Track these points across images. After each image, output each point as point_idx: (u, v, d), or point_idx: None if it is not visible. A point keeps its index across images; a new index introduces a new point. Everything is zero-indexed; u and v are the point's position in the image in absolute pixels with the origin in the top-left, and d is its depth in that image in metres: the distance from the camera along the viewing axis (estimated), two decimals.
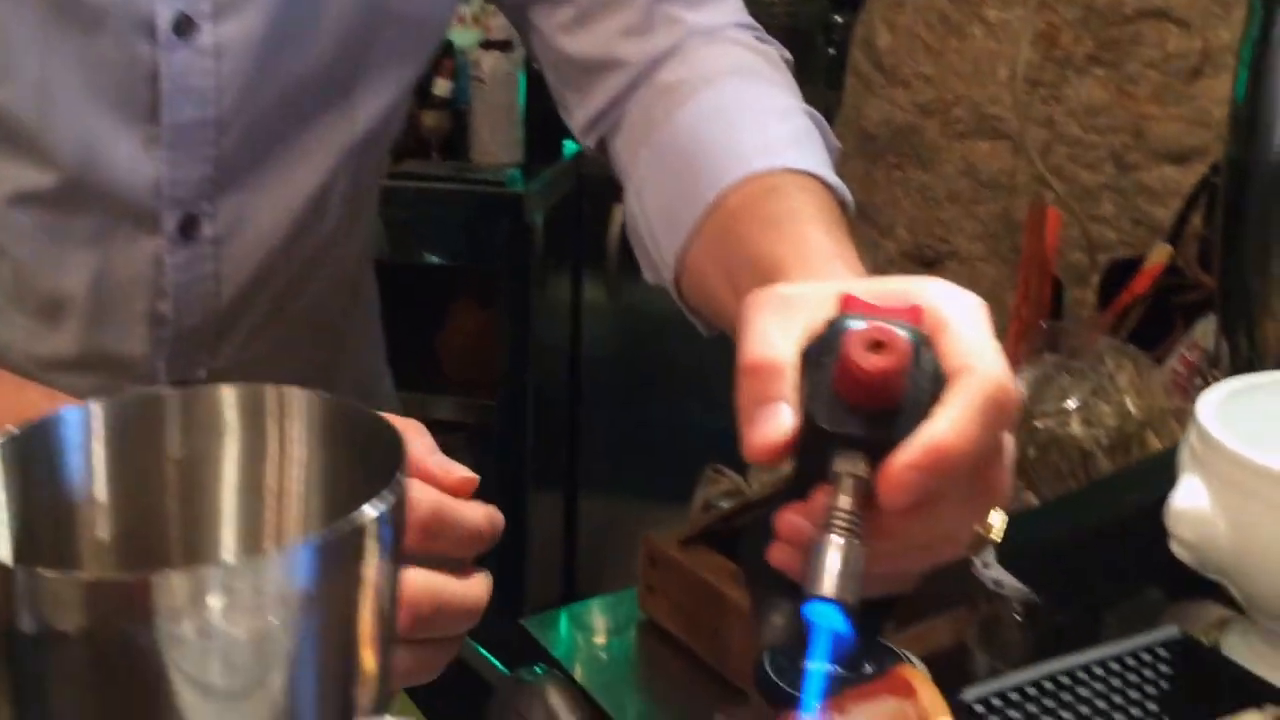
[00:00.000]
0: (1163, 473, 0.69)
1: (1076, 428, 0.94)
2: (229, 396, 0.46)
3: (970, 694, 0.61)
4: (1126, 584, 0.79)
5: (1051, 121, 1.44)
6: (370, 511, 0.39)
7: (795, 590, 0.54)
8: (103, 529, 0.45)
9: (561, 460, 2.10)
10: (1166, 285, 1.09)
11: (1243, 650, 0.67)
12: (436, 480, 0.57)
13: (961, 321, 0.54)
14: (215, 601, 0.36)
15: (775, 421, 0.53)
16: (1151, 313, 1.09)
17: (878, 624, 0.60)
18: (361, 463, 0.43)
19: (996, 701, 0.60)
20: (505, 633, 0.89)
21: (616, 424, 2.15)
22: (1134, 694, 0.62)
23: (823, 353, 0.53)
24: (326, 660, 0.39)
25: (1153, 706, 0.61)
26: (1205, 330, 1.01)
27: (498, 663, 0.81)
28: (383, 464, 0.41)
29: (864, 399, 0.51)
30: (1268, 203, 0.87)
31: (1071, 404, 0.95)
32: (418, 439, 0.58)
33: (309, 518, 0.46)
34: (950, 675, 0.76)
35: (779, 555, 0.54)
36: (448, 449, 2.11)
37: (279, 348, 0.87)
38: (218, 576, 0.37)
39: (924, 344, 0.53)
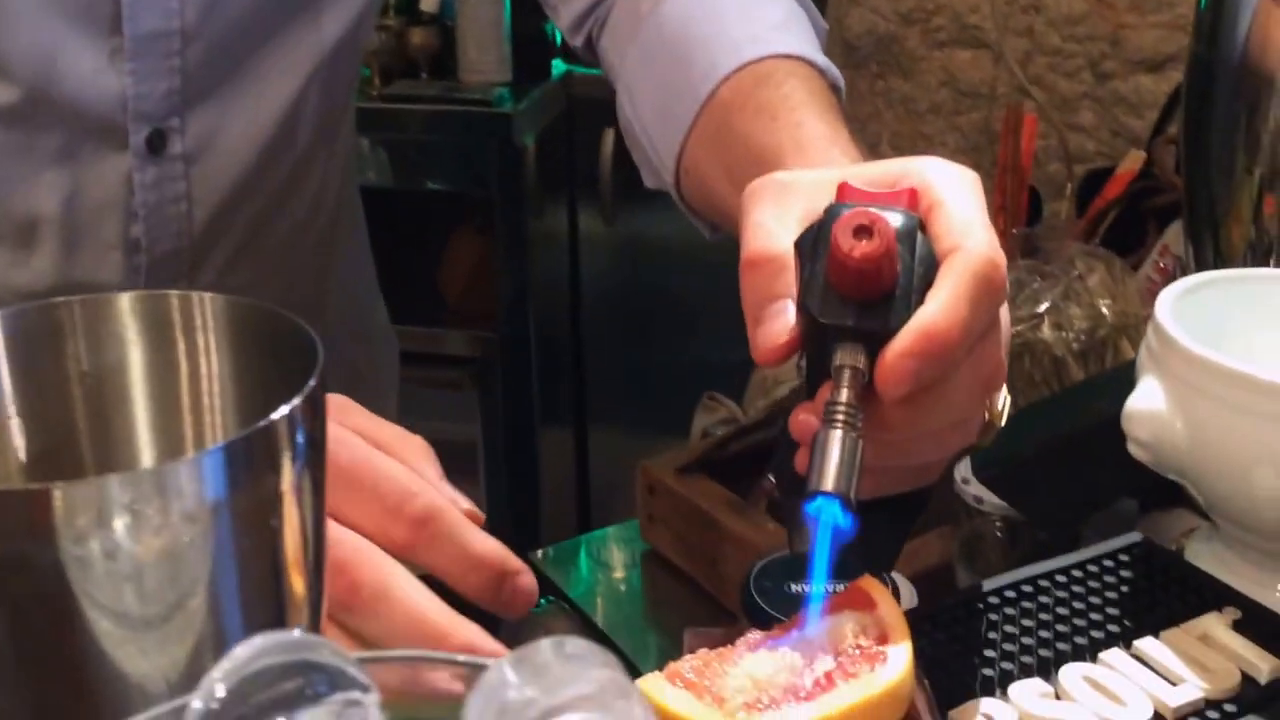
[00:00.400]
0: (1132, 380, 0.68)
1: (1047, 332, 0.96)
2: (132, 304, 0.43)
3: (939, 604, 0.62)
4: (1100, 494, 0.79)
5: (1031, 31, 1.45)
6: (280, 414, 0.36)
7: None
8: (10, 449, 0.42)
9: (568, 394, 2.12)
10: (1140, 190, 1.12)
11: (1205, 555, 0.68)
12: None
13: (953, 199, 0.53)
14: (120, 514, 0.33)
15: (779, 321, 0.53)
16: (1126, 219, 1.11)
17: (910, 522, 0.60)
18: (278, 368, 0.41)
19: (960, 612, 0.61)
20: None
21: (620, 355, 2.16)
22: (1095, 600, 0.63)
23: (815, 243, 0.53)
24: (249, 581, 0.37)
25: (1114, 611, 0.62)
26: (1177, 234, 1.03)
27: None
28: (300, 369, 0.39)
29: (855, 287, 0.51)
30: (1231, 104, 0.87)
31: (1043, 308, 0.97)
32: (426, 465, 0.55)
33: (227, 429, 0.44)
34: (938, 593, 0.79)
35: (801, 459, 0.53)
36: (454, 385, 2.12)
37: (259, 278, 0.86)
38: (119, 485, 0.34)
39: (918, 227, 0.52)
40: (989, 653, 0.59)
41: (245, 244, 0.85)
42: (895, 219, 0.52)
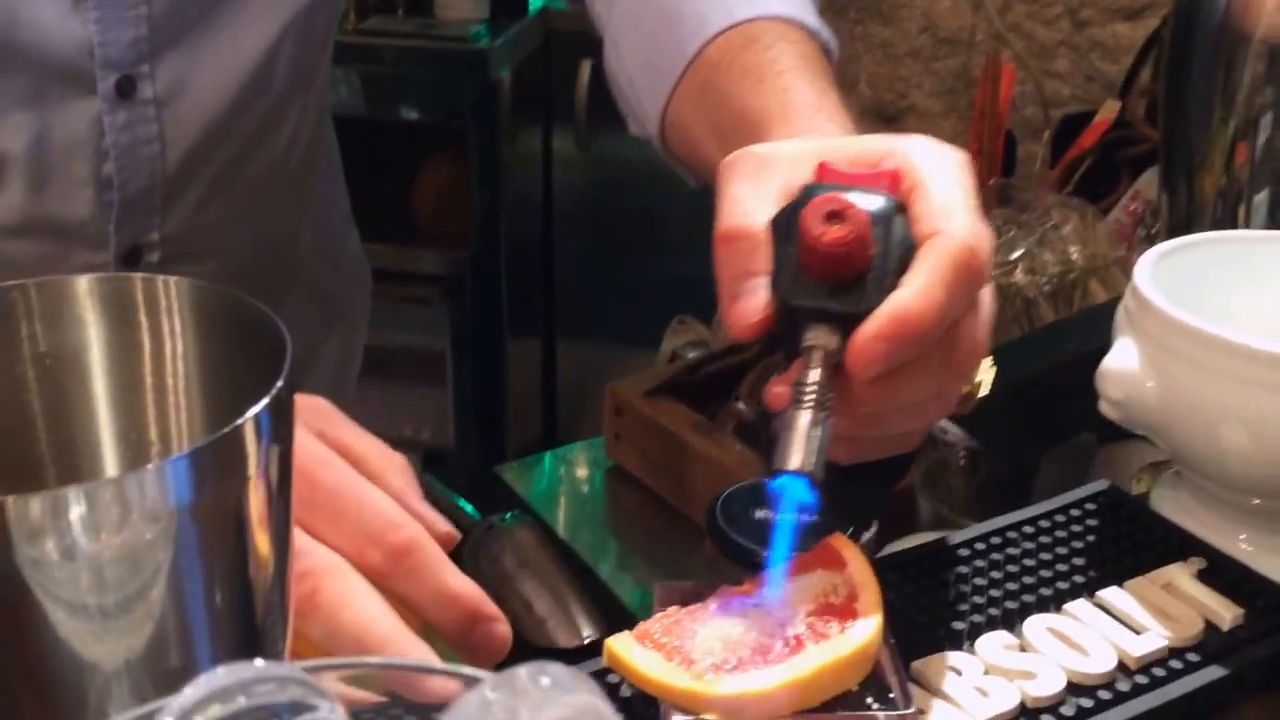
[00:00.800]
0: (1100, 324, 0.70)
1: (1020, 276, 0.97)
2: (92, 287, 0.43)
3: (908, 555, 0.62)
4: (1064, 429, 0.81)
5: None
6: (247, 417, 0.36)
7: None
8: None
9: (537, 308, 2.13)
10: (1114, 139, 1.12)
11: (1170, 504, 0.69)
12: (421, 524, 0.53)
13: (935, 183, 0.53)
14: (78, 523, 0.33)
15: (752, 300, 0.52)
16: (1099, 166, 1.12)
17: (891, 484, 0.60)
18: (245, 357, 0.41)
19: (928, 564, 0.61)
20: (479, 480, 0.91)
21: (590, 271, 2.17)
22: (1062, 550, 0.63)
23: (788, 225, 0.52)
24: (212, 576, 0.36)
25: (1079, 561, 0.62)
26: (1149, 182, 1.04)
27: (471, 508, 0.83)
28: (267, 358, 0.39)
29: (826, 271, 0.51)
30: (1210, 59, 0.88)
31: (1017, 255, 0.98)
32: (403, 479, 0.55)
33: (192, 416, 0.44)
34: (898, 520, 0.80)
35: (778, 426, 0.53)
36: (425, 301, 2.14)
37: (234, 212, 0.86)
38: (79, 497, 0.33)
39: (897, 210, 0.52)
40: (956, 605, 0.59)
41: (219, 182, 0.84)
42: (872, 202, 0.52)
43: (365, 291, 1.10)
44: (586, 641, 0.72)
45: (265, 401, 0.36)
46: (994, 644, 0.56)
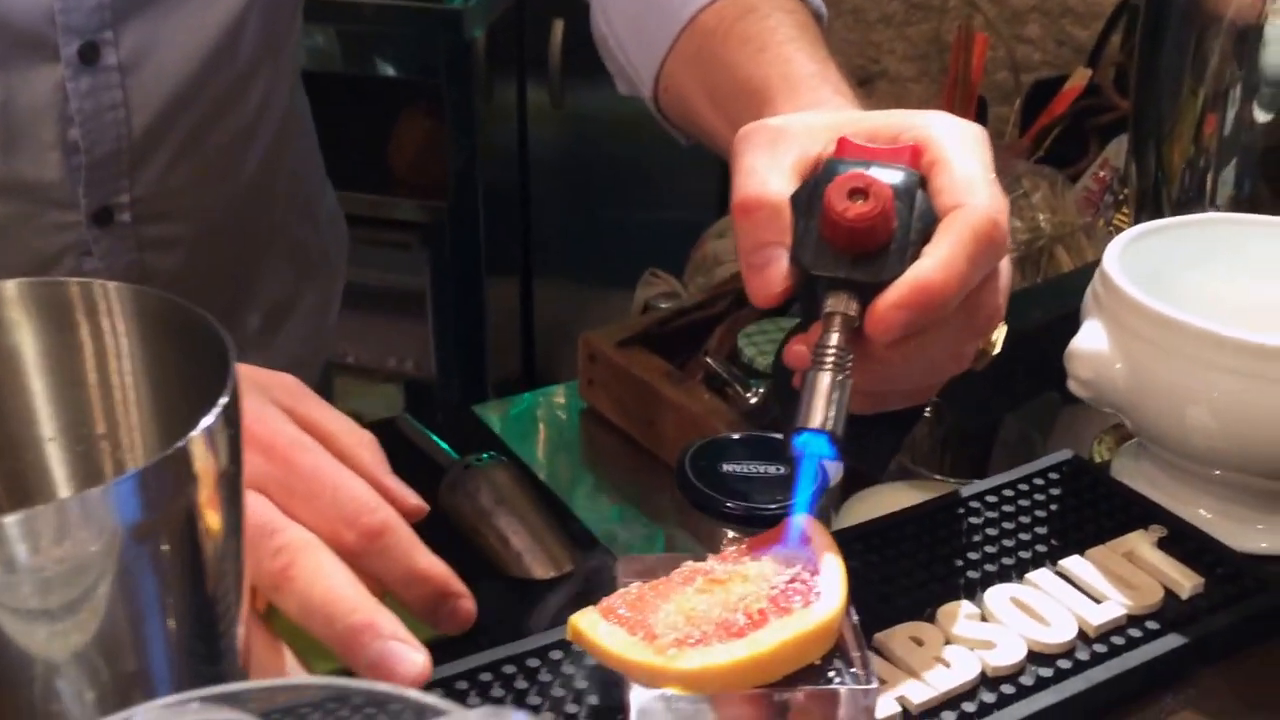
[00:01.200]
0: (1065, 291, 0.71)
1: None
2: (21, 291, 0.42)
3: (872, 525, 0.63)
4: (1029, 389, 0.82)
5: None
6: (193, 435, 0.36)
7: None
8: None
9: (515, 254, 2.14)
10: (1084, 106, 1.12)
11: (1132, 472, 0.70)
12: (391, 499, 0.54)
13: (956, 157, 0.54)
14: (20, 548, 0.33)
15: (773, 269, 0.54)
16: (1069, 132, 1.12)
17: (904, 433, 0.63)
18: (187, 359, 0.41)
19: (892, 534, 0.62)
20: (459, 417, 0.92)
21: (566, 221, 2.19)
22: (1025, 519, 0.64)
23: (811, 197, 0.54)
24: (165, 587, 0.36)
25: (1042, 530, 0.63)
26: (1117, 150, 1.04)
27: (449, 448, 0.84)
28: (212, 364, 0.38)
29: (849, 245, 0.52)
30: (1181, 31, 0.88)
31: None
32: (372, 455, 0.55)
33: (143, 417, 0.43)
34: (863, 471, 0.81)
35: (797, 383, 0.55)
36: (405, 246, 2.14)
37: (205, 174, 0.87)
38: (19, 526, 0.33)
39: (918, 184, 0.53)
40: (919, 575, 0.60)
41: (187, 146, 0.84)
42: (894, 176, 0.53)
43: (342, 246, 1.10)
44: (562, 574, 0.73)
45: (212, 416, 0.36)
46: (956, 614, 0.57)
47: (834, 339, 0.52)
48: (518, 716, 0.28)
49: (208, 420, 0.36)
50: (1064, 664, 0.55)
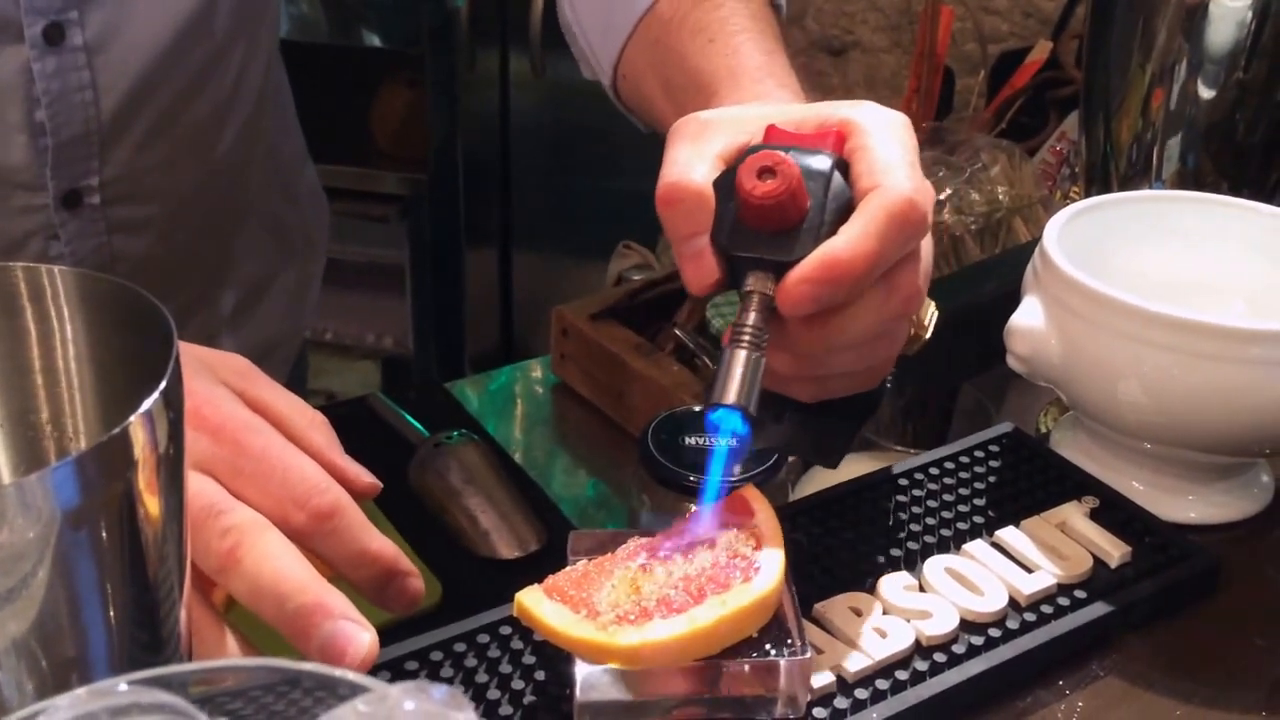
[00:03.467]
0: (1022, 263, 0.72)
1: (948, 215, 1.00)
2: None
3: (818, 498, 0.65)
4: (985, 359, 0.84)
5: None
6: (133, 419, 0.36)
7: (781, 401, 0.60)
8: None
9: (494, 226, 2.16)
10: (1045, 79, 1.14)
11: (1069, 445, 0.72)
12: (343, 479, 0.54)
13: (878, 142, 0.55)
14: None
15: (704, 260, 0.55)
16: (1031, 105, 1.14)
17: (857, 424, 0.64)
18: (132, 341, 0.41)
19: (834, 506, 0.64)
20: (429, 397, 0.94)
21: (546, 191, 2.20)
22: (964, 491, 0.66)
23: (729, 181, 0.56)
24: (105, 572, 0.37)
25: (980, 502, 0.66)
26: (1074, 124, 1.06)
27: (420, 425, 0.85)
28: (157, 346, 0.39)
29: (761, 223, 0.54)
30: (1132, 6, 0.90)
31: (945, 195, 1.00)
32: (324, 436, 0.55)
33: (84, 393, 0.44)
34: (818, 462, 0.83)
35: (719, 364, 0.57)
36: (384, 219, 2.16)
37: (177, 154, 0.86)
38: None
39: (835, 167, 0.55)
40: (861, 547, 0.63)
41: (159, 127, 0.84)
42: (809, 158, 0.55)
43: (323, 222, 1.10)
44: (529, 553, 0.75)
45: (151, 400, 0.37)
46: (894, 585, 0.60)
47: (751, 318, 0.54)
48: (437, 690, 0.29)
49: (146, 404, 0.37)
50: (995, 632, 0.58)
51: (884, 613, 0.58)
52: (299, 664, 0.30)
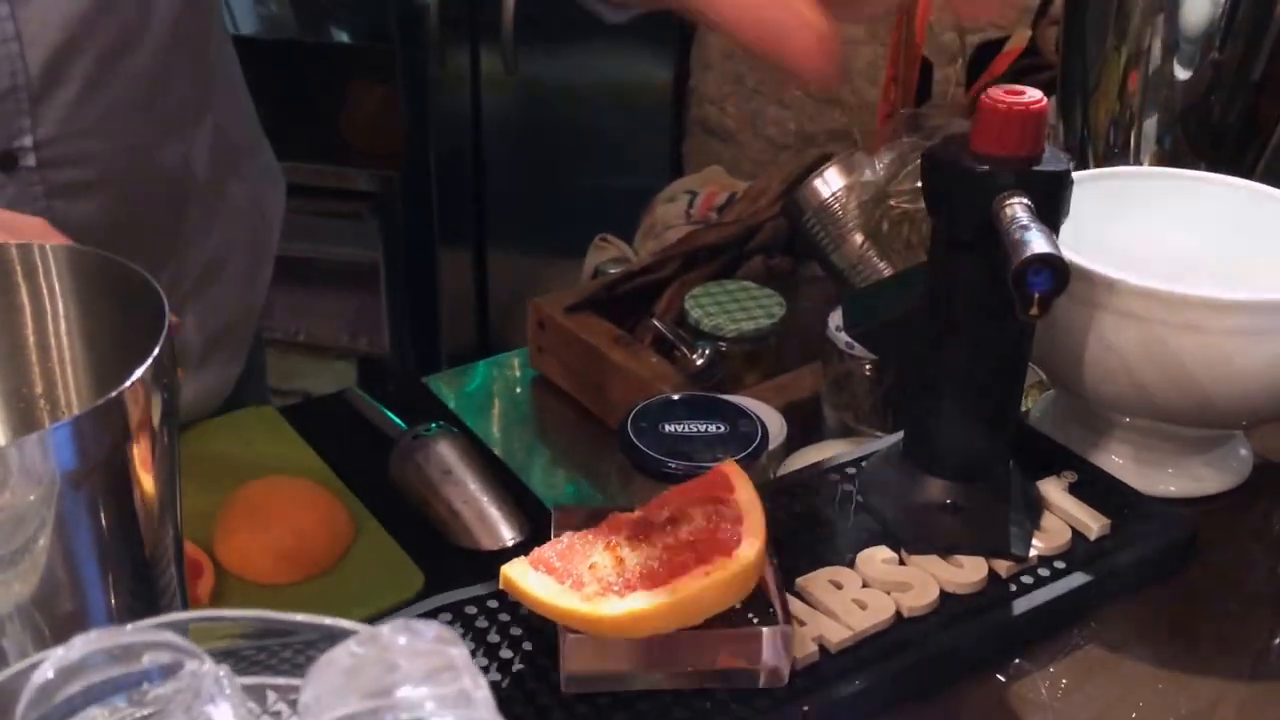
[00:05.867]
0: None
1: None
2: None
3: (797, 477, 0.66)
4: None
5: None
6: (124, 386, 0.37)
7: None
8: None
9: (468, 222, 2.16)
10: (1024, 66, 1.15)
11: (1050, 421, 0.73)
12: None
13: None
14: None
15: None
16: None
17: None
18: (124, 314, 0.42)
19: (815, 484, 0.65)
20: (408, 392, 0.94)
21: (519, 188, 2.21)
22: None
23: None
24: (102, 532, 0.38)
25: None
26: (1052, 108, 1.07)
27: (398, 419, 0.86)
28: (148, 318, 0.40)
29: None
30: None
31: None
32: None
33: (76, 370, 0.45)
34: (805, 425, 0.84)
35: None
36: (357, 216, 2.15)
37: (114, 116, 0.84)
38: None
39: None
40: (841, 524, 0.63)
41: (92, 83, 0.82)
42: None
43: (278, 200, 1.08)
44: (510, 544, 0.76)
45: (144, 367, 0.38)
46: (874, 559, 0.60)
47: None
48: (427, 627, 0.29)
49: (139, 372, 0.38)
50: (975, 603, 0.59)
51: (864, 585, 0.59)
52: (291, 615, 0.31)
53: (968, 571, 0.60)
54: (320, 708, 0.26)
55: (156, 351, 0.38)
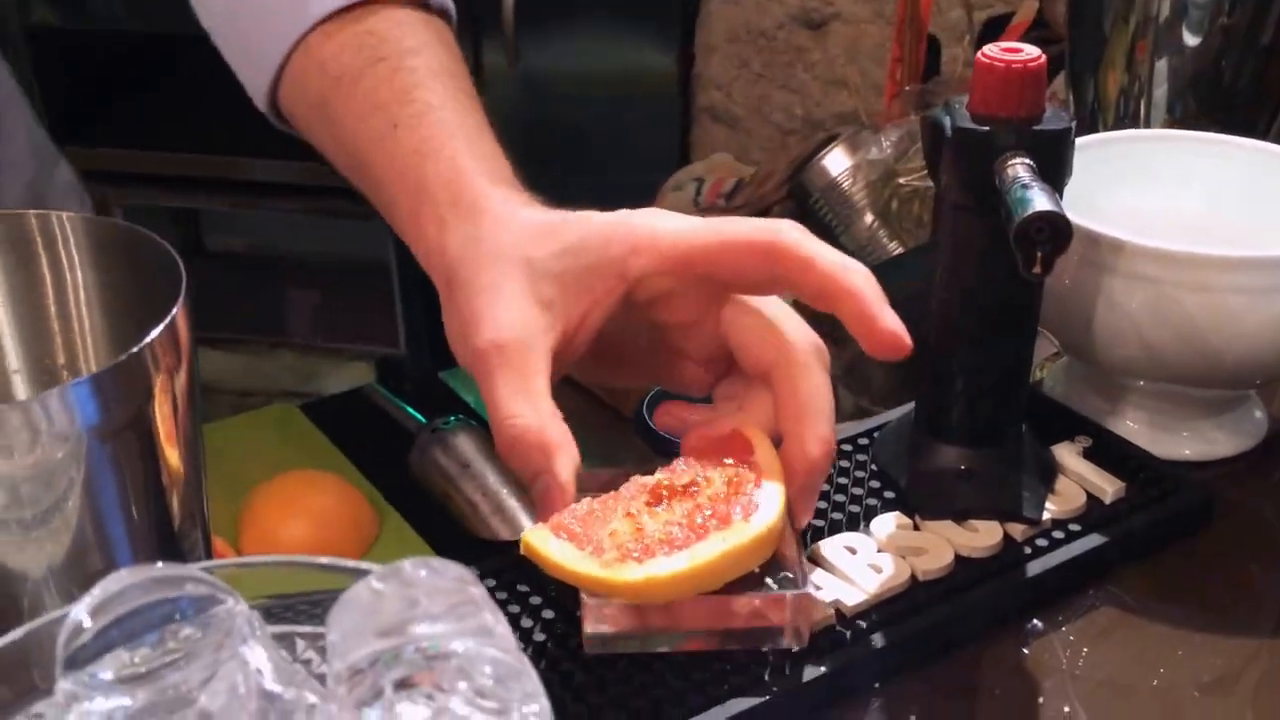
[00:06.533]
0: None
1: None
2: None
3: None
4: None
5: None
6: (145, 343, 0.38)
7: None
8: None
9: None
10: (1032, 40, 1.15)
11: (1063, 388, 0.73)
12: None
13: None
14: None
15: (559, 495, 0.53)
16: None
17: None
18: (140, 279, 0.42)
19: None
20: (426, 387, 0.95)
21: (523, 181, 2.23)
22: None
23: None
24: (128, 489, 0.39)
25: None
26: (1062, 82, 1.07)
27: (417, 414, 0.87)
28: (164, 282, 0.40)
29: None
30: None
31: None
32: None
33: (95, 337, 0.45)
34: None
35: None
36: (363, 216, 2.17)
37: None
38: None
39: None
40: (857, 490, 0.63)
41: None
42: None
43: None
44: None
45: (163, 325, 0.38)
46: (889, 524, 0.60)
47: None
48: (448, 566, 0.30)
49: (158, 330, 0.38)
50: (990, 566, 0.59)
51: (879, 550, 0.59)
52: (316, 557, 0.31)
53: (982, 535, 0.60)
54: (346, 647, 0.26)
55: (175, 311, 0.38)
